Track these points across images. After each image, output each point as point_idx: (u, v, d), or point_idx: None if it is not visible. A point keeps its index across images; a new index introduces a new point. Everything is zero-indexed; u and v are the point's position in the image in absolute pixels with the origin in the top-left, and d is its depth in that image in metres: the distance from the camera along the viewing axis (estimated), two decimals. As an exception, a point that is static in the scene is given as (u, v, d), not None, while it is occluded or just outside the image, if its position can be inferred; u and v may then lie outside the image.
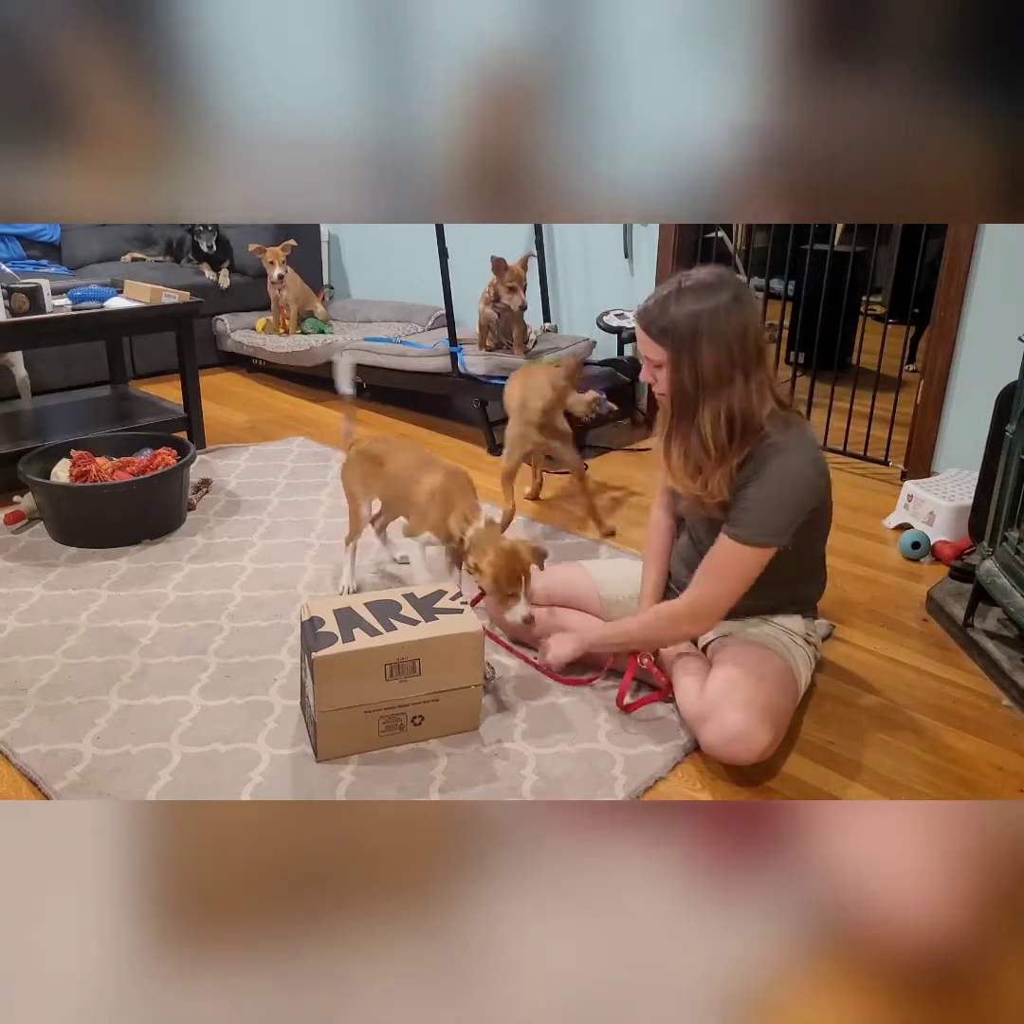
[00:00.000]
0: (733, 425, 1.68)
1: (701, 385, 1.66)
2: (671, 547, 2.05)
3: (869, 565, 2.71)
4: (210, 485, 3.12)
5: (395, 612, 1.86)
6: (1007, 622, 2.21)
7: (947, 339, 3.13)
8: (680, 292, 1.64)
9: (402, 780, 1.76)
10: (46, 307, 3.03)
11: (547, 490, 3.20)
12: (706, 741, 1.74)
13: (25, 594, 2.41)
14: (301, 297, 4.49)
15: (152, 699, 1.98)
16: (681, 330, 1.63)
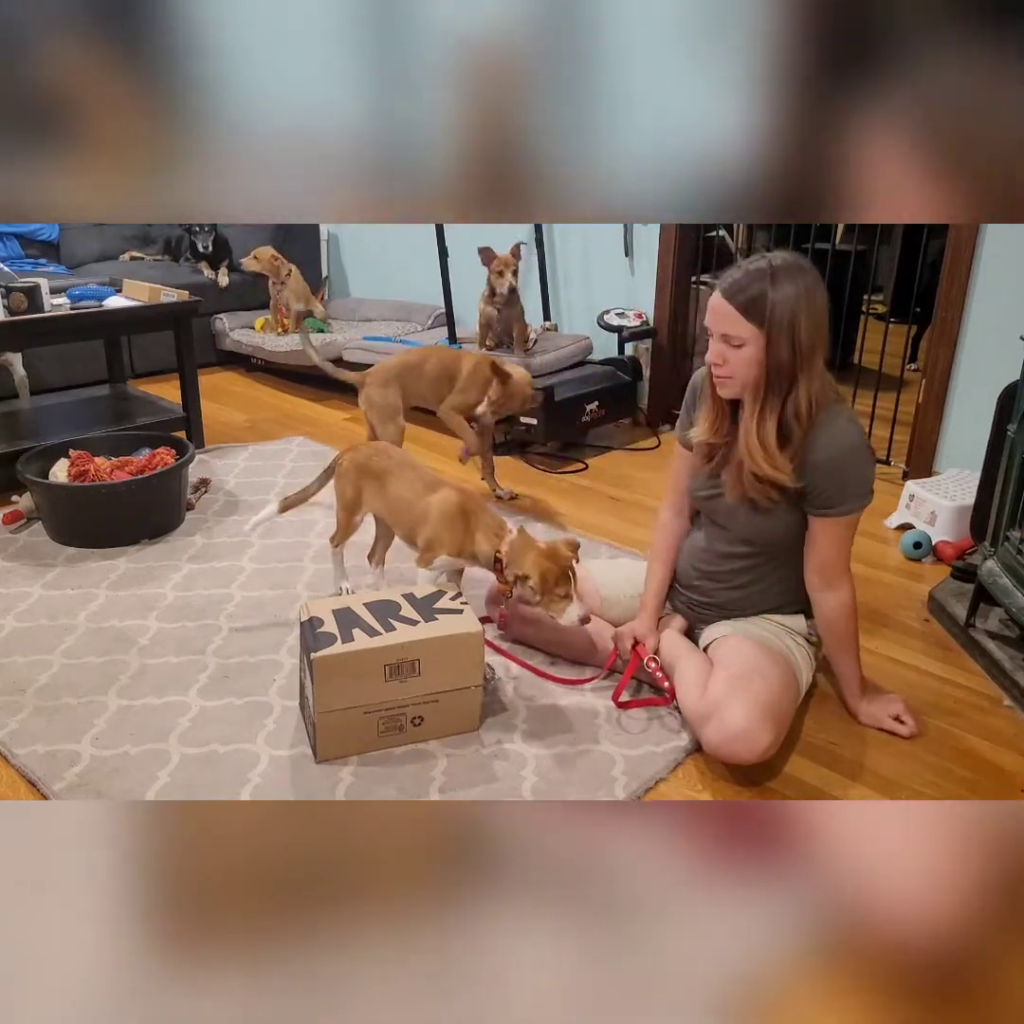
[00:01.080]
0: (818, 397, 1.71)
1: (800, 361, 1.68)
2: (678, 548, 2.04)
3: (870, 565, 2.70)
4: (209, 485, 3.12)
5: (395, 612, 1.85)
6: (1009, 622, 2.21)
7: (949, 339, 3.12)
8: (774, 272, 1.66)
9: (401, 781, 1.76)
10: (44, 306, 3.03)
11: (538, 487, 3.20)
12: (708, 740, 1.74)
13: (23, 594, 2.41)
14: (302, 296, 4.49)
15: (151, 699, 1.98)
16: (781, 309, 1.65)
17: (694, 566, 1.98)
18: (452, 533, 2.03)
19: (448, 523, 2.03)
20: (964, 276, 3.04)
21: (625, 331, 3.81)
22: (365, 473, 2.24)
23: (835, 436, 1.73)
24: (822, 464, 1.73)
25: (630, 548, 2.73)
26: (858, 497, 1.78)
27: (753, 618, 1.92)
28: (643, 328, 3.82)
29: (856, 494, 1.78)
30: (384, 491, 2.20)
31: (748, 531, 1.85)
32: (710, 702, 1.75)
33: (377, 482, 2.22)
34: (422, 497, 2.10)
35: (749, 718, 1.70)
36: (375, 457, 2.24)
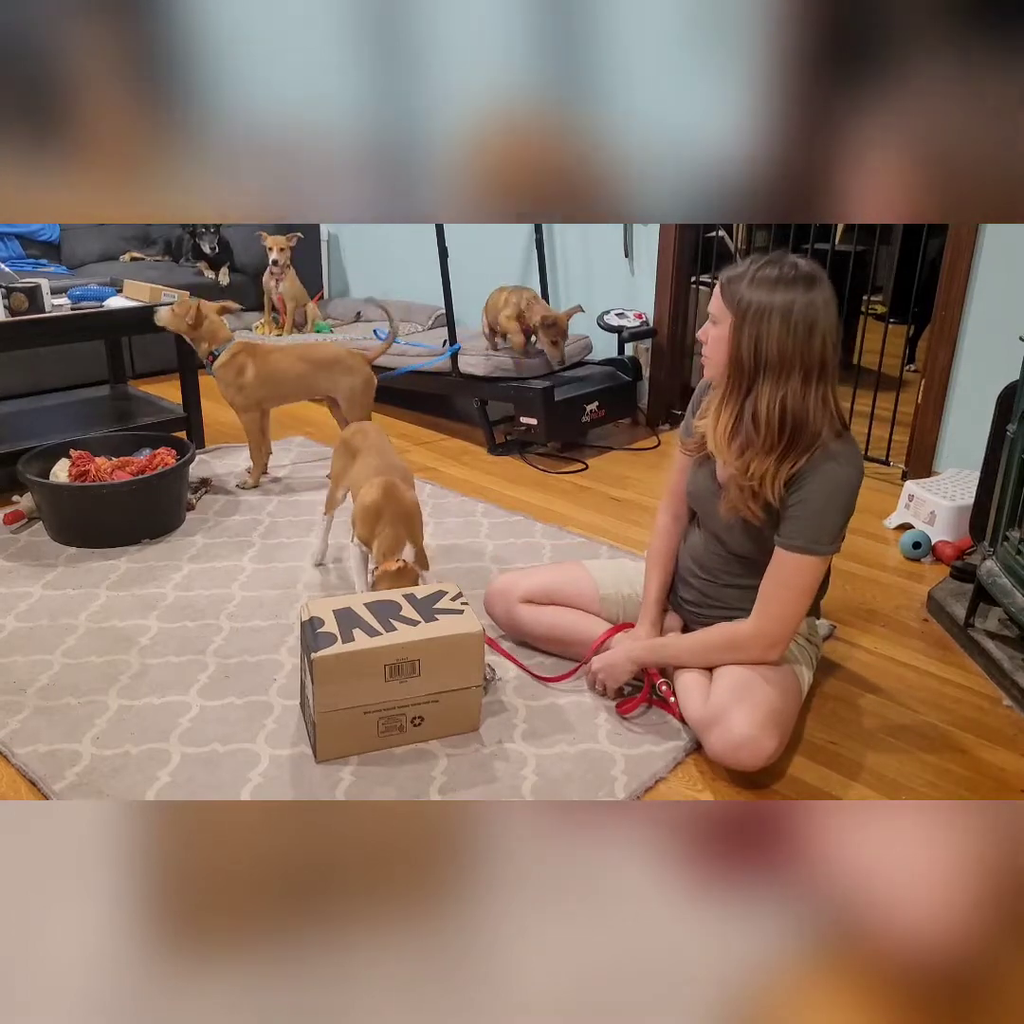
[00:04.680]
0: (784, 419, 1.67)
1: (762, 363, 1.66)
2: (676, 553, 2.04)
3: (870, 565, 2.70)
4: (209, 485, 3.12)
5: (395, 612, 1.86)
6: (1008, 622, 2.21)
7: (948, 339, 3.13)
8: (770, 266, 1.65)
9: (402, 781, 1.76)
10: (45, 306, 3.03)
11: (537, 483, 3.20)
12: (712, 748, 1.74)
13: (24, 594, 2.41)
14: (299, 296, 4.49)
15: (151, 699, 1.98)
16: (751, 299, 1.64)
17: (692, 567, 1.98)
18: (361, 524, 2.17)
19: (360, 513, 2.17)
20: (964, 276, 3.04)
21: (625, 331, 3.81)
22: (347, 449, 2.40)
23: (827, 472, 1.69)
24: (802, 491, 1.71)
25: (630, 548, 2.73)
26: (809, 539, 1.71)
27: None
28: (643, 328, 3.82)
29: (809, 535, 1.70)
30: (350, 468, 2.35)
31: (743, 548, 1.86)
32: (714, 710, 1.75)
33: (351, 459, 2.37)
34: (364, 481, 2.22)
35: (753, 725, 1.69)
36: (357, 435, 2.41)
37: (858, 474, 1.73)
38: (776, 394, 1.67)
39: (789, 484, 1.72)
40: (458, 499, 3.09)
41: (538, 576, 2.16)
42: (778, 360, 1.65)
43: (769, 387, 1.67)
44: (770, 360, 1.65)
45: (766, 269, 1.65)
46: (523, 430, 3.53)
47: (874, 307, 5.39)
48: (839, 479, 1.70)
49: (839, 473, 1.70)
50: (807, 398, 1.67)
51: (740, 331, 1.66)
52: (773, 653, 1.79)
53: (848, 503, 1.73)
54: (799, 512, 1.71)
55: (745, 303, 1.65)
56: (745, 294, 1.65)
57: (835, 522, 1.72)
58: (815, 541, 1.71)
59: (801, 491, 1.71)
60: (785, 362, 1.65)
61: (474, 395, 3.65)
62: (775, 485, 1.71)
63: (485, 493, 3.17)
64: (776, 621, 1.77)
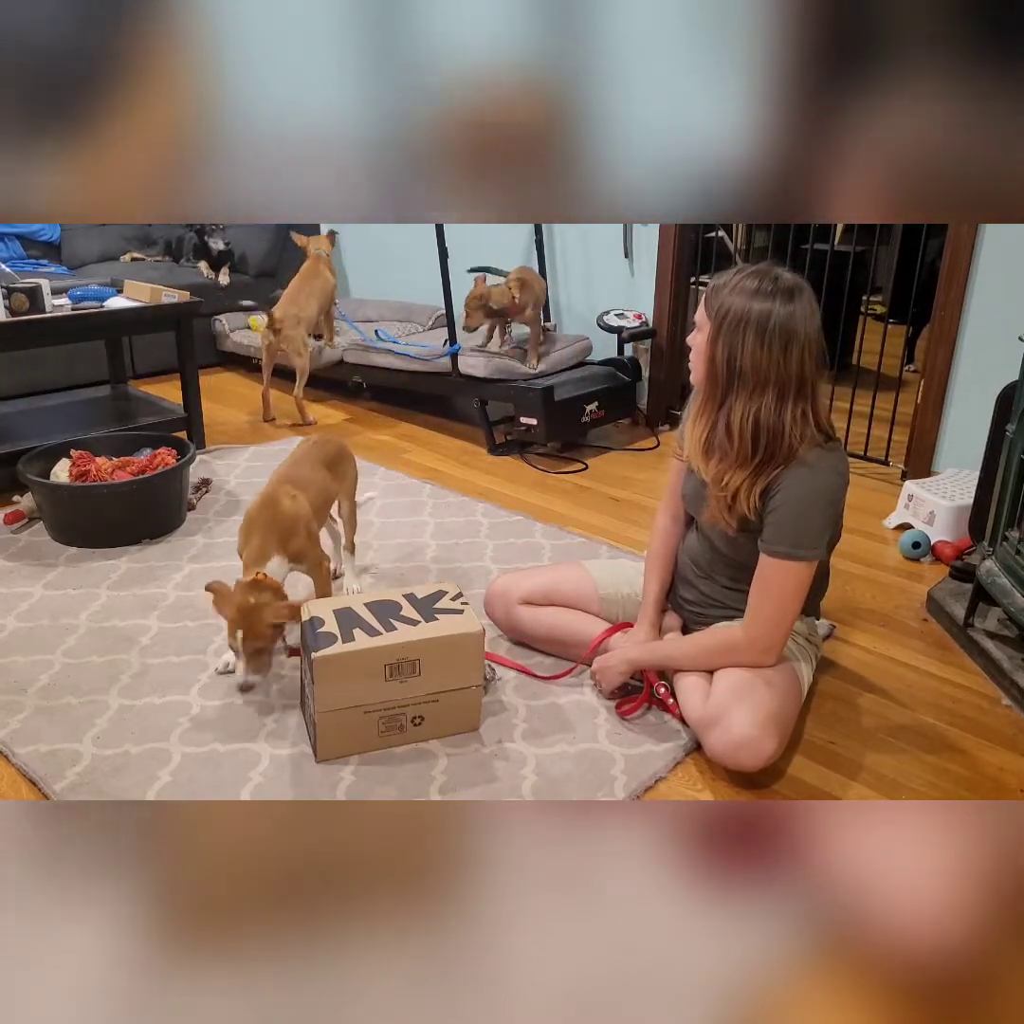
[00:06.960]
0: (758, 434, 1.67)
1: (735, 375, 1.66)
2: (675, 554, 2.04)
3: (869, 565, 2.71)
4: (210, 485, 3.12)
5: (395, 612, 1.86)
6: (1007, 622, 2.21)
7: (947, 339, 3.13)
8: (752, 277, 1.64)
9: (402, 780, 1.76)
10: (46, 307, 3.03)
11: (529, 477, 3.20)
12: (712, 748, 1.74)
13: (25, 594, 2.41)
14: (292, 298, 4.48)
15: (152, 699, 1.98)
16: (728, 309, 1.63)
17: (692, 567, 1.98)
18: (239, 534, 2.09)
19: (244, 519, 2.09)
20: (963, 276, 3.04)
21: (625, 332, 3.81)
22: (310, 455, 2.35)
23: (801, 477, 1.69)
24: (776, 497, 1.71)
25: (629, 548, 2.73)
26: (790, 545, 1.70)
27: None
28: (642, 329, 3.83)
29: (790, 541, 1.70)
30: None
31: (734, 552, 1.86)
32: (714, 710, 1.75)
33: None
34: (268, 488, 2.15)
35: (753, 725, 1.70)
36: (317, 444, 2.35)
37: (838, 479, 1.73)
38: (749, 408, 1.67)
39: (765, 494, 1.72)
40: (458, 499, 3.09)
41: (537, 577, 2.17)
42: (751, 374, 1.65)
43: (743, 400, 1.67)
44: (744, 373, 1.65)
45: (747, 280, 1.65)
46: (523, 430, 3.53)
47: (873, 307, 5.39)
48: (816, 485, 1.70)
49: (816, 479, 1.70)
50: (783, 414, 1.67)
51: (716, 341, 1.66)
52: (768, 658, 1.79)
53: (828, 509, 1.73)
54: (777, 518, 1.72)
55: (722, 313, 1.65)
56: (724, 303, 1.65)
57: (815, 527, 1.72)
58: (796, 546, 1.71)
59: (776, 498, 1.71)
60: (759, 376, 1.65)
61: (474, 395, 3.65)
62: (750, 500, 1.72)
63: (485, 493, 3.17)
64: (766, 627, 1.77)
